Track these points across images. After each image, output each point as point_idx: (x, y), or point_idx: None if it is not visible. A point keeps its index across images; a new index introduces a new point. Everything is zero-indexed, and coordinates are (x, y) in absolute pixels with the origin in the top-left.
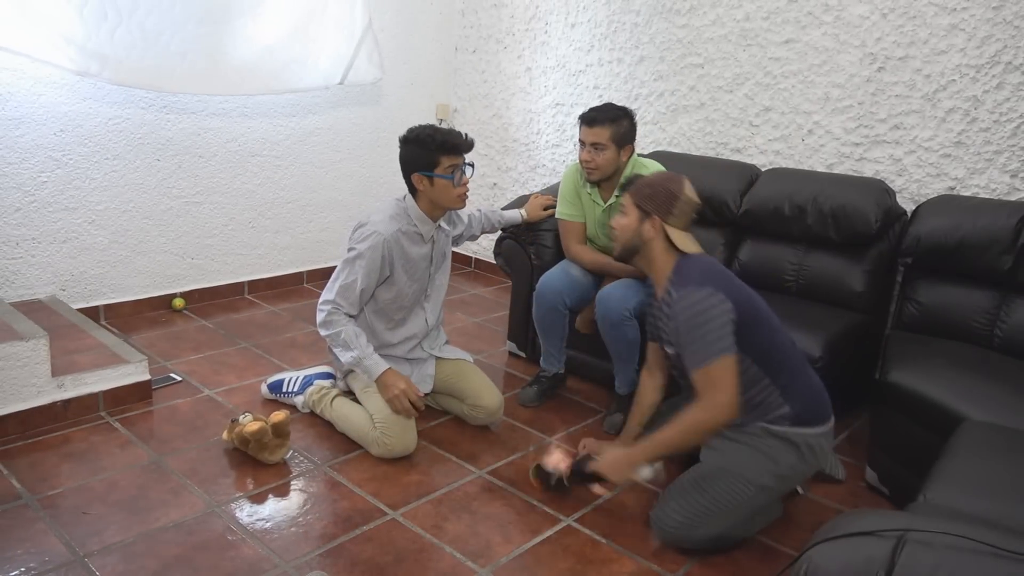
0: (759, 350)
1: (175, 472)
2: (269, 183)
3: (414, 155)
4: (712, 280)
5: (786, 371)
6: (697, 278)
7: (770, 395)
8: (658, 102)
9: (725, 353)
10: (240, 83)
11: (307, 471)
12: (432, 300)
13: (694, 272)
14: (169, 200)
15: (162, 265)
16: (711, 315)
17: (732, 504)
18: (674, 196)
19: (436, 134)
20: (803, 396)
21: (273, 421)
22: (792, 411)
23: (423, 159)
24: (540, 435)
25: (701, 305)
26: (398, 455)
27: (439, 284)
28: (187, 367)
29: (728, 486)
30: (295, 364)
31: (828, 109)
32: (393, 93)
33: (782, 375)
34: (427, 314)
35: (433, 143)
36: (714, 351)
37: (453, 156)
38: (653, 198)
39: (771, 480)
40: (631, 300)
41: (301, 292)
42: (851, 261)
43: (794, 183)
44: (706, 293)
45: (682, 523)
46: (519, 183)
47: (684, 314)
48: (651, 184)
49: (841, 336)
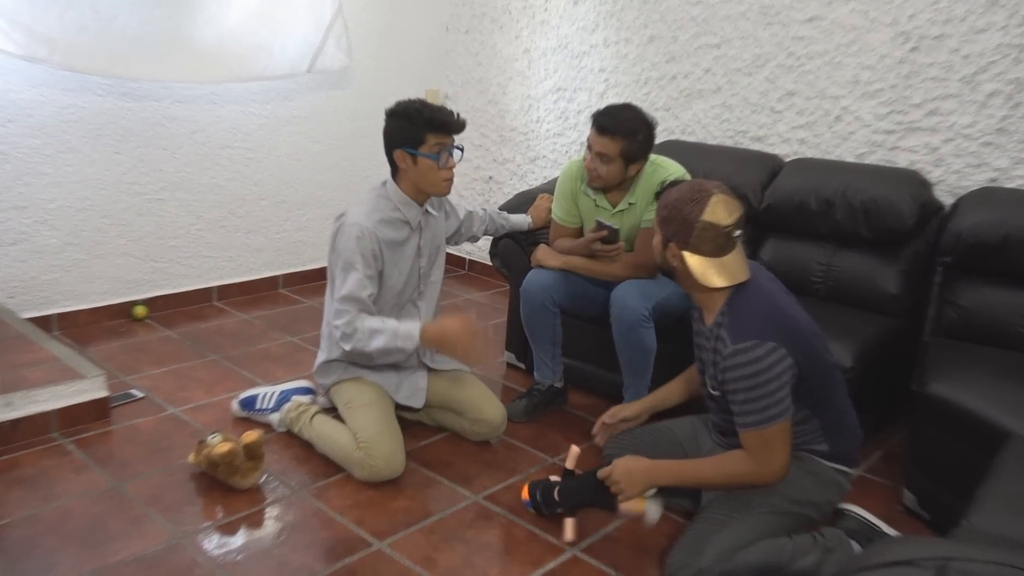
0: (812, 398)
1: (136, 499)
2: (240, 177)
3: (399, 129)
4: (774, 328)
5: (833, 410)
6: (758, 327)
7: (811, 432)
8: (670, 86)
9: (782, 418)
10: (201, 70)
11: (283, 497)
12: (426, 298)
13: (754, 319)
14: (129, 197)
15: (122, 269)
16: (770, 376)
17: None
18: (689, 224)
19: (425, 109)
20: (843, 437)
21: (245, 442)
22: (829, 450)
23: (408, 135)
24: (542, 455)
25: (760, 365)
26: (385, 478)
27: (434, 280)
28: (149, 382)
29: (732, 509)
30: (270, 378)
31: (857, 93)
32: (377, 78)
33: (829, 413)
34: (421, 314)
35: (420, 118)
36: (769, 416)
37: (441, 135)
38: (669, 222)
39: (788, 505)
40: (650, 300)
41: (276, 298)
42: (884, 260)
43: (821, 175)
44: (766, 351)
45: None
46: (517, 176)
47: (739, 371)
48: (668, 204)
49: (874, 344)
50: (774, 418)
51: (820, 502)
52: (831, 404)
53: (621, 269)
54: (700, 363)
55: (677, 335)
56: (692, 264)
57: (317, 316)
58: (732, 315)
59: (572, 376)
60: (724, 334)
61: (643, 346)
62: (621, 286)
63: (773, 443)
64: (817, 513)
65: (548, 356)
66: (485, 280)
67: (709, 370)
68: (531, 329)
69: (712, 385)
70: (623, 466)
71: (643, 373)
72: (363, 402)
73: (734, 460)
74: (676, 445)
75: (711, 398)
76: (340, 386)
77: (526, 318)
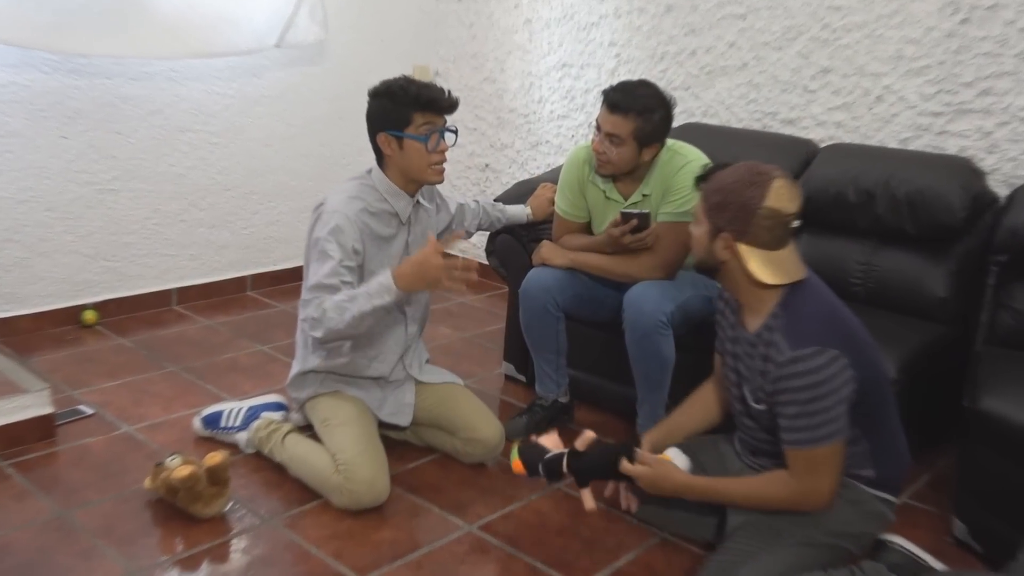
0: (866, 417)
1: (85, 530)
2: (204, 165)
3: (382, 110)
4: (836, 334)
5: (886, 432)
6: (819, 332)
7: (859, 455)
8: (689, 62)
9: (836, 438)
10: (157, 45)
11: (251, 527)
12: (415, 303)
13: (814, 322)
14: (78, 187)
15: (69, 269)
16: (830, 388)
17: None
18: (749, 210)
19: (411, 86)
20: (892, 462)
21: (208, 464)
22: (876, 475)
23: (393, 115)
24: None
25: (821, 375)
26: (366, 506)
27: None
28: (100, 397)
29: (760, 540)
30: (236, 393)
31: (901, 70)
32: (358, 53)
33: (881, 436)
34: (407, 321)
35: (406, 96)
36: (824, 435)
37: (429, 114)
38: (723, 208)
39: (822, 536)
40: (669, 304)
41: (244, 302)
42: (931, 260)
43: (860, 162)
44: (828, 359)
45: None
46: (517, 164)
47: (796, 381)
48: (723, 188)
49: (920, 354)
50: (827, 437)
51: (860, 534)
52: (885, 425)
53: (638, 269)
54: (735, 375)
55: (699, 344)
56: (748, 258)
57: (290, 322)
58: (788, 318)
59: (579, 390)
60: (778, 339)
61: (660, 356)
62: (635, 288)
63: (822, 466)
64: (856, 546)
65: (551, 367)
66: (480, 282)
67: (754, 381)
68: (532, 336)
69: (755, 398)
70: (651, 478)
71: (659, 387)
72: (342, 419)
73: (775, 483)
74: (700, 472)
75: (749, 415)
76: (316, 401)
77: (526, 323)
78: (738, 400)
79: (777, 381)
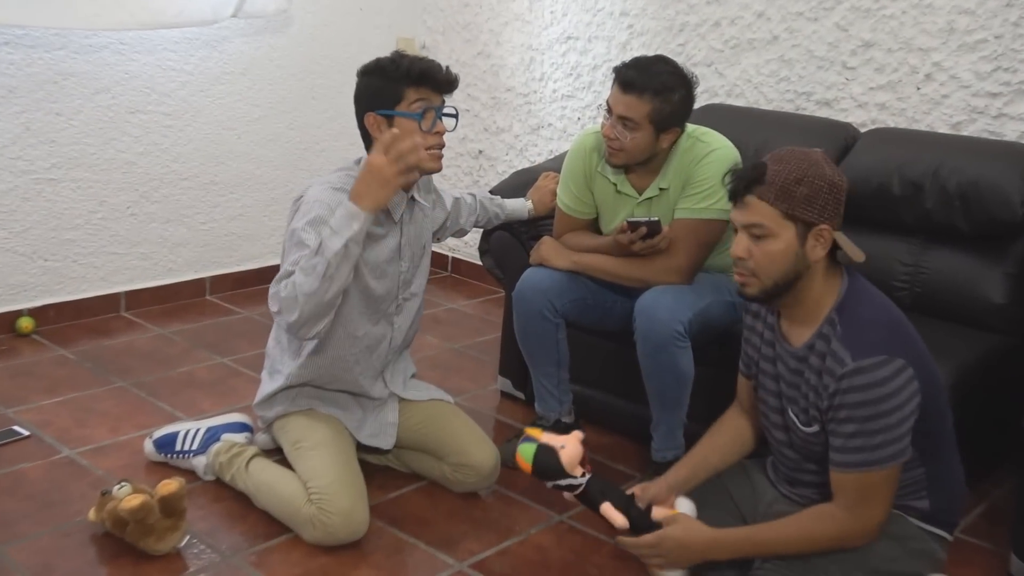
0: (925, 439)
1: (20, 568)
2: (157, 151)
3: (371, 88)
4: (902, 343)
5: (944, 457)
6: (885, 339)
7: (914, 483)
8: (712, 35)
9: (895, 461)
10: (96, 15)
11: (211, 565)
12: (405, 312)
13: (879, 328)
14: (12, 176)
15: (2, 270)
16: (896, 404)
17: None
18: (839, 187)
19: (402, 59)
20: (948, 492)
21: (161, 494)
22: (930, 507)
23: (382, 93)
24: (545, 510)
25: (887, 388)
26: (342, 540)
27: (415, 291)
28: (37, 416)
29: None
30: (194, 411)
31: (953, 45)
32: (332, 23)
33: (939, 462)
34: (393, 332)
35: (397, 70)
36: (882, 456)
37: (424, 89)
38: (814, 199)
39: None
40: (687, 312)
41: (203, 307)
42: (987, 261)
43: (906, 150)
44: (895, 370)
45: None
46: (515, 150)
47: (859, 395)
48: (803, 178)
49: (974, 367)
50: (886, 460)
51: (906, 574)
52: (943, 448)
53: (652, 273)
54: (775, 399)
55: (722, 357)
56: (845, 244)
57: (255, 330)
58: (846, 325)
59: (584, 409)
60: (837, 348)
61: (677, 371)
62: (648, 293)
63: (876, 492)
64: None
65: (551, 382)
66: (473, 284)
67: (803, 401)
68: (528, 346)
69: (806, 420)
70: (676, 539)
71: (677, 406)
72: (316, 441)
73: (820, 518)
74: (732, 508)
75: (791, 444)
76: (286, 420)
77: (520, 331)
78: (779, 428)
79: (835, 395)
